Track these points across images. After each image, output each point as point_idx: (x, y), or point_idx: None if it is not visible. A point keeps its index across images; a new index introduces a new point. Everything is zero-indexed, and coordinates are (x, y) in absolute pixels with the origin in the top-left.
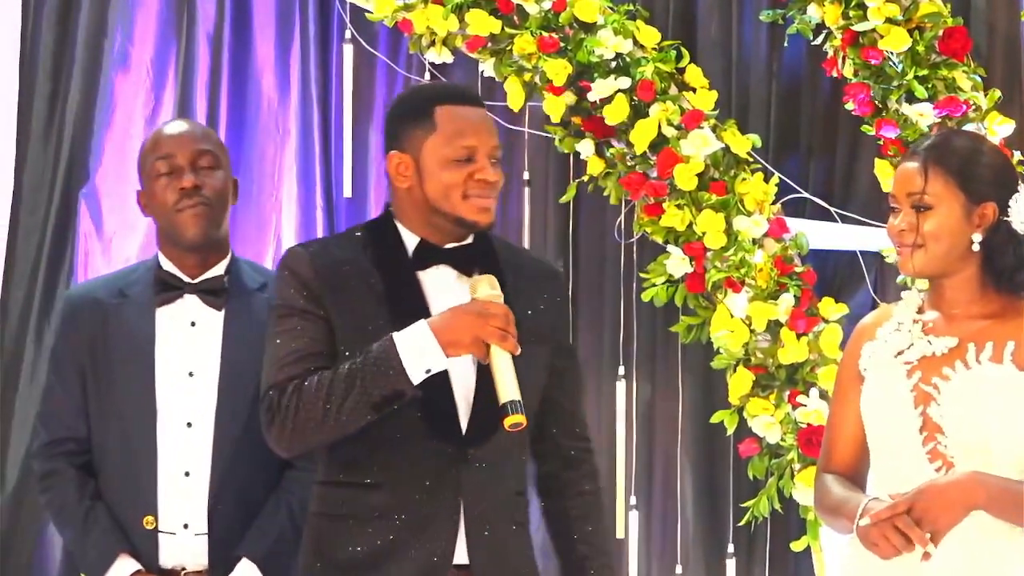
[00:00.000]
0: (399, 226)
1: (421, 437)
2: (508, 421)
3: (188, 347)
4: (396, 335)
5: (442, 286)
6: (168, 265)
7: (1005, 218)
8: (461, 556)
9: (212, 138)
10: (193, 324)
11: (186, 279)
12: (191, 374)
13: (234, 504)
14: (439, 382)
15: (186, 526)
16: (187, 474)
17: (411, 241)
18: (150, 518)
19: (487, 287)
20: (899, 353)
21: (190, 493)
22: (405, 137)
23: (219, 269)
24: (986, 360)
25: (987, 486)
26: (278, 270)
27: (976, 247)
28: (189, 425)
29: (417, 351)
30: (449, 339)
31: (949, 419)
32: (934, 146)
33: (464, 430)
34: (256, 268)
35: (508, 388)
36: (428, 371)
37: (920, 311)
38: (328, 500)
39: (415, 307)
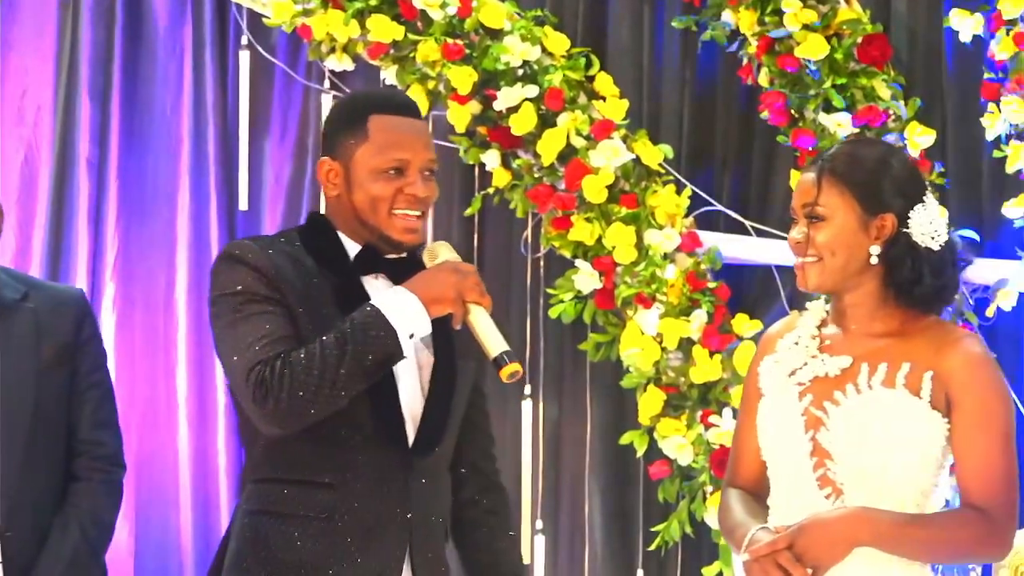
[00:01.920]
0: (339, 232)
1: (370, 441)
2: (505, 372)
3: None
4: (376, 300)
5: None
6: None
7: (905, 230)
8: (406, 573)
9: None
10: None
11: None
12: None
13: (28, 528)
14: (387, 391)
15: None
16: None
17: (351, 247)
18: None
19: (447, 251)
20: (792, 373)
21: None
22: (337, 144)
23: None
24: (878, 384)
25: (872, 522)
26: (223, 260)
27: (875, 260)
28: None
29: (402, 313)
30: (433, 296)
31: (838, 445)
32: (833, 156)
33: (411, 442)
34: (16, 276)
35: (495, 341)
36: (411, 335)
37: (823, 324)
38: (270, 497)
39: None
